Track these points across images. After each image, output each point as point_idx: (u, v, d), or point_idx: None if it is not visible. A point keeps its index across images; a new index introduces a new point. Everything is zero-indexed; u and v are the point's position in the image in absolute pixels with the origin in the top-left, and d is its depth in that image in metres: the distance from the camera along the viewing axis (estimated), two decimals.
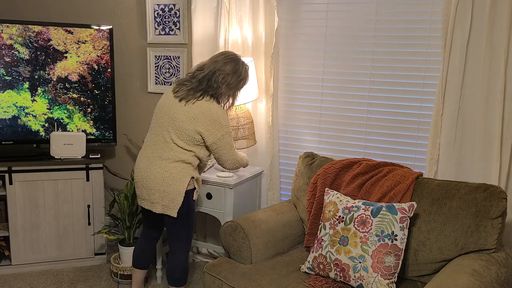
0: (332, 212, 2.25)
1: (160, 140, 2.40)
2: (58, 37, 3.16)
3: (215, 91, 2.36)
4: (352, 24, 2.83)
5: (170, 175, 2.35)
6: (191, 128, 2.33)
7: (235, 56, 2.43)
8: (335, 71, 2.93)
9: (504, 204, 2.07)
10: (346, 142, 2.96)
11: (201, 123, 2.32)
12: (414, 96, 2.73)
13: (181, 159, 2.36)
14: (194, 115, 2.33)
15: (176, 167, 2.35)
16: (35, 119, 3.20)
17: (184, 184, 2.36)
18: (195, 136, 2.35)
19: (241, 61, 2.43)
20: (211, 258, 3.40)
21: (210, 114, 2.34)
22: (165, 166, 2.36)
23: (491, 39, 2.38)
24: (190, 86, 2.37)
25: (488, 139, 2.46)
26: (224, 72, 2.36)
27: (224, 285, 2.23)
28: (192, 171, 2.40)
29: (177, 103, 2.36)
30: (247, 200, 2.96)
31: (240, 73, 2.41)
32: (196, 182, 2.45)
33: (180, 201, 2.36)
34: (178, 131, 2.35)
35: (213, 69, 2.36)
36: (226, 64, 2.37)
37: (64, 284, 3.06)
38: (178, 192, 2.36)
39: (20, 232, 3.13)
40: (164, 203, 2.38)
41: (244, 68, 2.44)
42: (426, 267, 2.18)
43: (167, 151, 2.37)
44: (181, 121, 2.34)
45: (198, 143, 2.37)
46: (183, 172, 2.36)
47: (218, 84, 2.35)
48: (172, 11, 3.35)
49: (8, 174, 3.04)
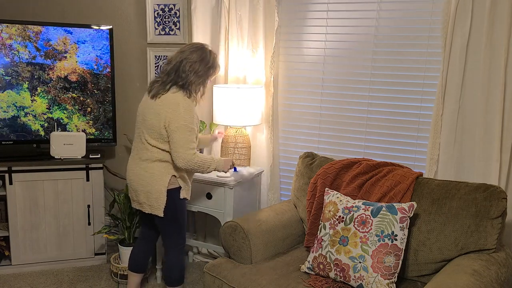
0: (332, 212, 2.25)
1: (138, 141, 2.44)
2: (58, 37, 3.16)
3: (185, 81, 2.35)
4: (352, 24, 2.83)
5: (151, 175, 2.38)
6: (158, 124, 2.33)
7: (202, 45, 2.44)
8: (335, 71, 2.93)
9: (504, 204, 2.07)
10: (346, 142, 2.96)
11: (165, 116, 2.31)
12: (414, 96, 2.73)
13: (158, 158, 2.38)
14: (159, 109, 2.32)
15: (156, 166, 2.38)
16: (35, 119, 3.20)
17: (164, 183, 2.37)
18: (163, 132, 2.33)
19: (208, 50, 2.44)
20: (211, 258, 3.40)
21: (172, 104, 2.31)
22: (146, 167, 2.39)
23: (491, 39, 2.38)
24: (161, 81, 2.38)
25: (488, 139, 2.46)
26: (191, 60, 2.36)
27: (224, 285, 2.23)
28: (173, 169, 2.40)
29: (149, 101, 2.38)
30: (247, 200, 2.96)
31: (208, 60, 2.41)
32: (180, 180, 2.44)
33: (164, 200, 2.38)
34: (149, 130, 2.36)
35: (179, 59, 2.37)
36: (193, 52, 2.38)
37: (64, 284, 3.06)
38: (160, 191, 2.38)
39: (20, 232, 3.13)
40: (150, 203, 2.41)
41: (212, 56, 2.44)
42: (426, 267, 2.18)
43: (145, 152, 2.40)
44: (149, 119, 2.35)
45: (167, 138, 2.35)
46: (163, 171, 2.38)
47: (186, 73, 2.35)
48: (172, 11, 3.35)
49: (8, 174, 3.04)
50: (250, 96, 2.82)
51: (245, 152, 2.93)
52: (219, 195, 2.78)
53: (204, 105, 3.30)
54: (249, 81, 3.08)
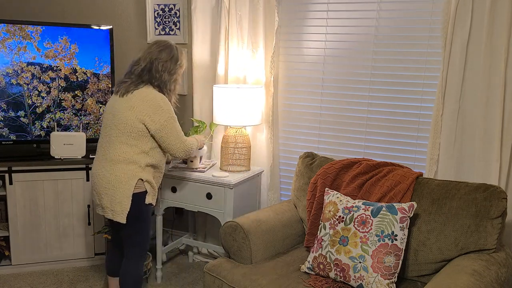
0: (332, 212, 2.25)
1: (106, 141, 2.37)
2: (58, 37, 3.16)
3: (159, 81, 2.37)
4: (352, 24, 2.83)
5: (116, 178, 2.29)
6: (132, 117, 2.29)
7: (167, 42, 2.45)
8: (335, 71, 2.93)
9: (504, 204, 2.07)
10: (346, 142, 2.96)
11: (141, 110, 2.29)
12: (414, 96, 2.73)
13: (125, 158, 2.30)
14: (132, 103, 2.30)
15: (122, 169, 2.30)
16: (35, 119, 3.20)
17: (130, 187, 2.29)
18: (138, 126, 2.29)
19: (174, 46, 2.45)
20: (211, 258, 3.40)
21: (148, 99, 2.31)
22: (111, 169, 2.31)
23: (491, 39, 2.38)
24: (130, 81, 2.37)
25: (488, 139, 2.46)
26: (162, 60, 2.38)
27: (224, 285, 2.23)
28: (140, 172, 2.33)
29: (118, 99, 2.36)
30: (247, 200, 2.96)
31: (177, 57, 2.44)
32: (148, 184, 2.38)
33: (128, 205, 2.30)
34: (120, 124, 2.31)
35: (149, 59, 2.37)
36: (161, 52, 2.39)
37: (64, 284, 3.06)
38: (125, 196, 2.29)
39: (20, 232, 3.13)
40: (112, 208, 2.31)
41: (179, 51, 2.46)
42: (426, 267, 2.18)
43: (112, 151, 2.33)
44: (120, 113, 2.31)
45: (141, 133, 2.31)
46: (129, 174, 2.30)
47: (160, 73, 2.36)
48: (172, 11, 3.35)
49: (8, 174, 3.04)
50: (250, 96, 2.82)
51: (245, 152, 2.93)
52: (219, 195, 2.78)
53: (204, 105, 3.31)
54: (249, 81, 3.08)
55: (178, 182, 2.89)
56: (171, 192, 2.93)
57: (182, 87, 3.41)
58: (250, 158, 3.00)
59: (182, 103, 3.46)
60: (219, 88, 2.86)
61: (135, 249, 2.45)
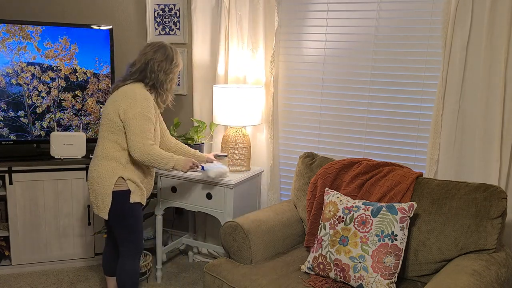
0: (332, 212, 2.25)
1: (98, 137, 2.45)
2: (58, 37, 3.16)
3: (155, 81, 2.40)
4: (352, 24, 2.83)
5: (98, 174, 2.35)
6: (112, 110, 2.33)
7: (162, 43, 2.48)
8: (335, 71, 2.93)
9: (504, 204, 2.07)
10: (346, 142, 2.96)
11: (120, 104, 2.32)
12: (414, 96, 2.73)
13: (106, 154, 2.35)
14: (115, 98, 2.36)
15: (103, 165, 2.35)
16: (35, 119, 3.20)
17: (109, 184, 2.32)
18: (115, 119, 2.32)
19: (168, 46, 2.48)
20: (211, 258, 3.40)
21: (129, 93, 2.34)
22: (96, 165, 2.38)
23: (491, 39, 2.38)
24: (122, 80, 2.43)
25: (488, 139, 2.46)
26: (158, 60, 2.40)
27: (224, 285, 2.23)
28: (121, 170, 2.34)
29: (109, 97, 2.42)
30: (247, 200, 2.96)
31: (172, 57, 2.46)
32: (131, 183, 2.37)
33: (108, 202, 2.33)
34: (103, 119, 2.37)
35: (144, 60, 2.40)
36: (156, 52, 2.42)
37: (64, 284, 3.06)
38: (106, 193, 2.34)
39: (20, 232, 3.13)
40: (96, 203, 2.38)
41: (174, 51, 2.48)
42: (426, 267, 2.18)
43: (97, 147, 2.41)
44: (106, 108, 2.37)
45: (118, 128, 2.33)
46: (110, 171, 2.34)
47: (156, 73, 2.39)
48: (172, 11, 3.35)
49: (8, 174, 3.04)
50: (250, 96, 2.82)
51: (245, 152, 2.93)
52: (219, 195, 2.78)
53: (204, 105, 3.31)
54: (249, 81, 3.08)
55: (178, 182, 2.90)
56: (171, 192, 2.93)
57: (182, 87, 3.42)
58: (250, 158, 3.00)
59: (182, 103, 3.46)
60: (219, 88, 2.86)
61: (129, 246, 2.47)
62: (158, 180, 2.96)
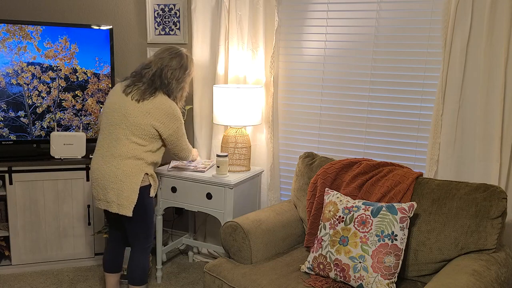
0: (332, 212, 2.25)
1: (113, 138, 2.43)
2: (58, 37, 3.16)
3: (167, 88, 2.45)
4: (352, 24, 2.83)
5: (123, 172, 2.38)
6: (146, 122, 2.39)
7: (179, 50, 2.52)
8: (335, 71, 2.93)
9: (504, 204, 2.08)
10: (346, 142, 2.96)
11: (155, 117, 2.40)
12: (414, 96, 2.73)
13: (133, 155, 2.40)
14: (148, 109, 2.39)
15: (129, 164, 2.39)
16: (36, 119, 3.20)
17: (137, 181, 2.39)
18: (150, 130, 2.41)
19: (184, 54, 2.52)
20: (211, 258, 3.40)
21: (164, 108, 2.42)
22: (118, 164, 2.39)
23: (491, 39, 2.38)
24: (143, 86, 2.43)
25: (488, 139, 2.46)
26: (172, 68, 2.45)
27: (224, 285, 2.23)
28: (146, 167, 2.44)
29: (130, 102, 2.41)
30: (247, 200, 2.96)
31: (186, 66, 2.51)
32: (151, 178, 2.49)
33: (135, 198, 2.39)
34: (133, 126, 2.39)
35: (160, 65, 2.44)
36: (172, 59, 2.46)
37: (64, 284, 3.06)
38: (132, 190, 2.38)
39: (20, 232, 3.13)
40: (119, 202, 2.39)
41: (189, 60, 2.53)
42: (426, 267, 2.18)
43: (119, 148, 2.40)
44: (134, 116, 2.39)
45: (152, 136, 2.43)
46: (136, 168, 2.40)
47: (169, 80, 2.45)
48: (172, 11, 3.35)
49: (8, 174, 3.04)
50: (250, 96, 2.82)
51: (245, 152, 2.93)
52: (219, 195, 2.78)
53: (204, 105, 3.31)
54: (249, 81, 3.08)
55: (178, 182, 2.90)
56: (171, 192, 2.93)
57: None
58: (250, 158, 3.00)
59: None
60: (219, 88, 2.86)
61: (143, 241, 2.55)
62: (158, 180, 2.96)
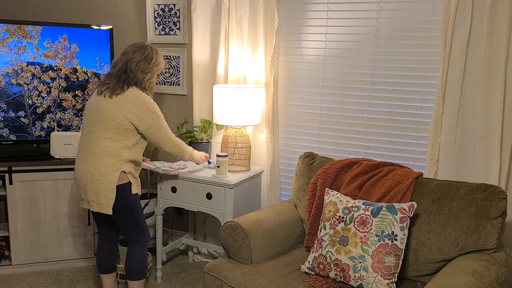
0: (332, 212, 2.25)
1: (90, 137, 2.45)
2: (58, 37, 3.16)
3: (134, 79, 2.46)
4: (352, 24, 2.83)
5: (99, 172, 2.39)
6: (120, 115, 2.39)
7: (142, 43, 2.54)
8: (335, 71, 2.93)
9: (504, 204, 2.08)
10: (346, 142, 2.96)
11: (128, 110, 2.40)
12: (414, 96, 2.73)
13: (108, 152, 2.40)
14: (120, 103, 2.41)
15: (104, 162, 2.39)
16: (36, 119, 3.20)
17: (113, 179, 2.39)
18: (125, 123, 2.40)
19: (149, 46, 2.53)
20: (211, 258, 3.40)
21: (136, 100, 2.42)
22: (94, 163, 2.40)
23: (491, 39, 2.38)
24: (112, 83, 2.45)
25: (488, 139, 2.46)
26: (136, 60, 2.47)
27: (224, 285, 2.23)
28: (122, 165, 2.42)
29: (103, 98, 2.43)
30: (247, 200, 2.96)
31: (151, 57, 2.51)
32: (130, 175, 2.47)
33: (113, 197, 2.40)
34: (106, 121, 2.40)
35: (125, 60, 2.47)
36: (135, 52, 2.48)
37: (64, 284, 3.06)
38: (109, 188, 2.39)
39: (20, 232, 3.13)
40: (98, 200, 2.41)
41: (154, 51, 2.53)
42: (426, 267, 2.18)
43: (95, 146, 2.41)
44: (108, 110, 2.40)
45: (127, 130, 2.42)
46: (112, 166, 2.40)
47: (134, 73, 2.45)
48: (172, 11, 3.35)
49: (8, 174, 3.04)
50: (250, 96, 2.82)
51: (245, 152, 2.93)
52: (219, 195, 2.78)
53: (204, 105, 3.31)
54: (249, 81, 3.08)
55: (178, 182, 2.90)
56: (171, 192, 2.93)
57: (182, 87, 3.42)
58: (250, 158, 3.00)
59: (182, 103, 3.46)
60: (219, 88, 2.86)
61: (138, 235, 2.56)
62: (158, 180, 2.97)
